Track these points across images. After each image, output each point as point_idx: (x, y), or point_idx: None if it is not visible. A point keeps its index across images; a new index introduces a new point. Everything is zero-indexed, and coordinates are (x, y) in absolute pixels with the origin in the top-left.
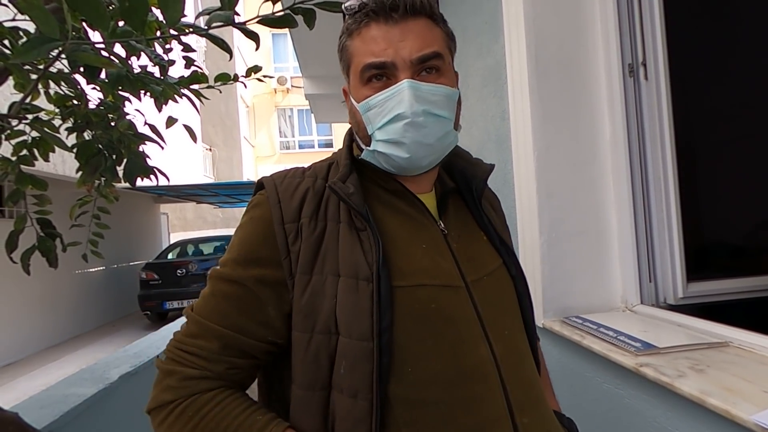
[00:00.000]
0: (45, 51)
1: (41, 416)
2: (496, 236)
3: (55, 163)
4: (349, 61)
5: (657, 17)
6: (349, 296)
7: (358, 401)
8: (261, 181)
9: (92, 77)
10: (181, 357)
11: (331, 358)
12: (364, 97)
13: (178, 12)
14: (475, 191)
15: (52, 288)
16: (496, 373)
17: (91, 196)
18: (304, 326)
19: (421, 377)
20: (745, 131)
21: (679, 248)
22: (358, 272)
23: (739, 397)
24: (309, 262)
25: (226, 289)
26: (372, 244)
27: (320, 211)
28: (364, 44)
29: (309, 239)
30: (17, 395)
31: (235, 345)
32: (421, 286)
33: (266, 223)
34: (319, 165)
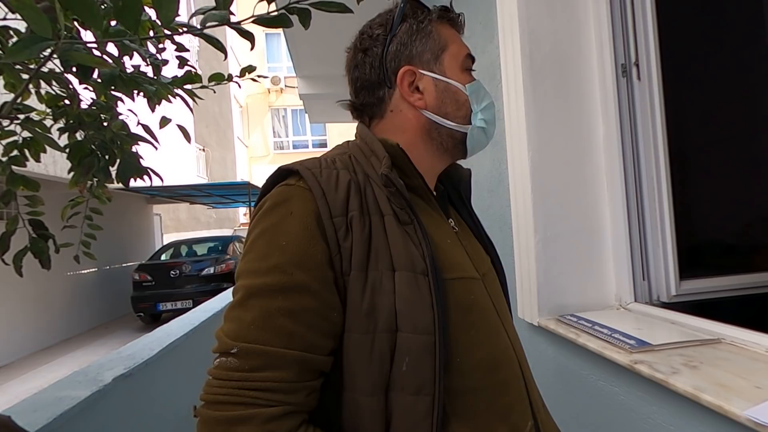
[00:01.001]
0: (37, 51)
1: (34, 419)
2: (485, 235)
3: (47, 163)
4: (444, 44)
5: (649, 18)
6: (410, 290)
7: (421, 397)
8: (291, 169)
9: (85, 77)
10: (251, 397)
11: (392, 356)
12: (467, 80)
13: (172, 11)
14: (463, 192)
15: (44, 290)
16: (515, 356)
17: (83, 197)
18: (366, 327)
19: (467, 366)
20: (737, 131)
21: (672, 247)
22: (415, 266)
23: (732, 393)
24: (364, 259)
25: (283, 302)
26: (420, 238)
27: (364, 205)
28: (457, 37)
29: (361, 234)
30: (9, 398)
31: (310, 367)
32: (460, 279)
33: (314, 217)
34: (339, 157)
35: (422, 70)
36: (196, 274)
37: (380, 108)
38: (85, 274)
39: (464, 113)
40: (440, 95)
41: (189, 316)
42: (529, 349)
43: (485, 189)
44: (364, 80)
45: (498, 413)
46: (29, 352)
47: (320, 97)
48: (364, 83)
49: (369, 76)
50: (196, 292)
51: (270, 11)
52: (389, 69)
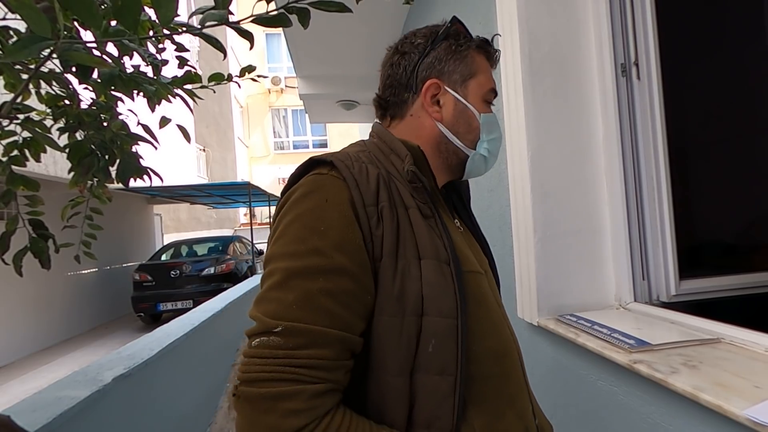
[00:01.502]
0: (36, 50)
1: (34, 419)
2: (482, 236)
3: (47, 163)
4: (474, 71)
5: (649, 17)
6: (436, 277)
7: (445, 377)
8: (322, 160)
9: (84, 77)
10: (296, 374)
11: (418, 339)
12: (484, 110)
13: (171, 11)
14: (464, 196)
15: (44, 290)
16: (515, 348)
17: (83, 196)
18: (396, 310)
19: (480, 354)
20: (737, 130)
21: (671, 246)
22: (439, 255)
23: (731, 393)
24: (393, 246)
25: (324, 283)
26: (441, 230)
27: (392, 198)
28: (488, 69)
29: (391, 224)
30: (9, 399)
31: (348, 346)
32: (474, 272)
33: (349, 204)
34: (363, 154)
35: (447, 87)
36: (196, 274)
37: (401, 109)
38: (86, 274)
39: (473, 137)
40: (456, 114)
41: (189, 316)
42: (528, 348)
43: (485, 189)
44: (394, 79)
45: (505, 400)
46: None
47: (320, 98)
48: (393, 82)
49: (400, 78)
50: (196, 293)
51: (269, 11)
52: (419, 77)
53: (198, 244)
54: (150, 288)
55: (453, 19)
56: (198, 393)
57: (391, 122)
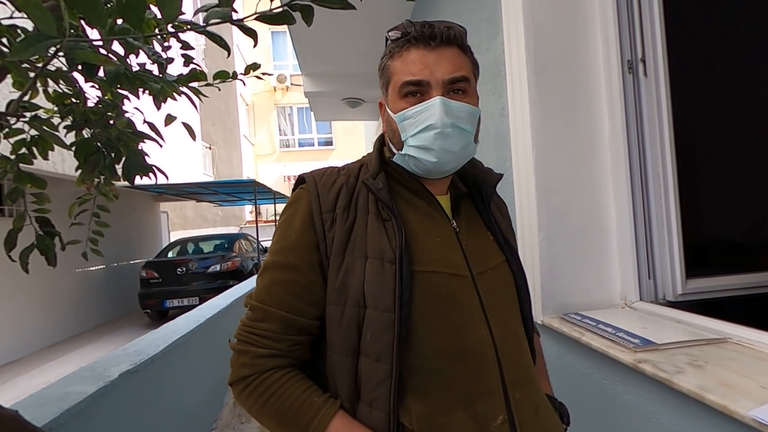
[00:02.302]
0: (42, 48)
1: (41, 414)
2: (501, 236)
3: (55, 161)
4: (389, 78)
5: (656, 13)
6: (376, 275)
7: (381, 364)
8: (302, 177)
9: (90, 75)
10: (251, 339)
11: (360, 327)
12: (401, 109)
13: (176, 9)
14: (485, 195)
15: (52, 287)
16: (493, 352)
17: (90, 194)
18: (338, 300)
19: (427, 349)
20: (744, 128)
21: (678, 245)
22: (384, 255)
23: (737, 393)
24: (342, 246)
25: (281, 275)
26: (396, 232)
27: (351, 204)
28: (404, 65)
29: (342, 227)
30: (17, 393)
31: (294, 325)
32: (435, 273)
33: (307, 213)
34: (351, 166)
35: (383, 101)
36: (202, 271)
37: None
38: (93, 271)
39: (398, 140)
40: (387, 124)
41: (195, 313)
42: None
43: None
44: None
45: (458, 398)
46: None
47: (325, 95)
48: None
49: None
50: (202, 289)
51: (273, 8)
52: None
53: (204, 241)
54: (157, 285)
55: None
56: (204, 389)
57: None
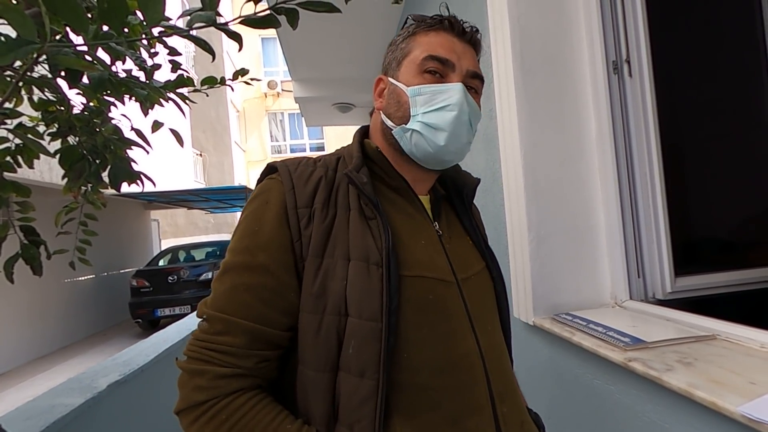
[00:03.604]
0: (23, 54)
1: (27, 427)
2: (481, 240)
3: (42, 170)
4: (406, 52)
5: (640, 14)
6: (360, 278)
7: (365, 380)
8: (273, 165)
9: (74, 81)
10: (208, 356)
11: (340, 338)
12: (417, 83)
13: (158, 12)
14: (465, 198)
15: (40, 297)
16: (481, 364)
17: (77, 202)
18: (315, 308)
19: (414, 363)
20: (730, 127)
21: (666, 243)
22: (369, 257)
23: (726, 389)
24: (320, 246)
25: (247, 278)
26: (381, 232)
27: (331, 199)
28: (431, 42)
29: (321, 224)
30: (5, 407)
31: (262, 338)
32: (422, 278)
33: (281, 207)
34: (327, 157)
35: (388, 77)
36: (194, 279)
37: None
38: (83, 280)
39: (402, 114)
40: (389, 97)
41: (185, 321)
42: (524, 348)
43: (479, 188)
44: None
45: (445, 417)
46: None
47: (316, 101)
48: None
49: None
50: (194, 298)
51: (258, 11)
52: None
53: (196, 249)
54: (147, 294)
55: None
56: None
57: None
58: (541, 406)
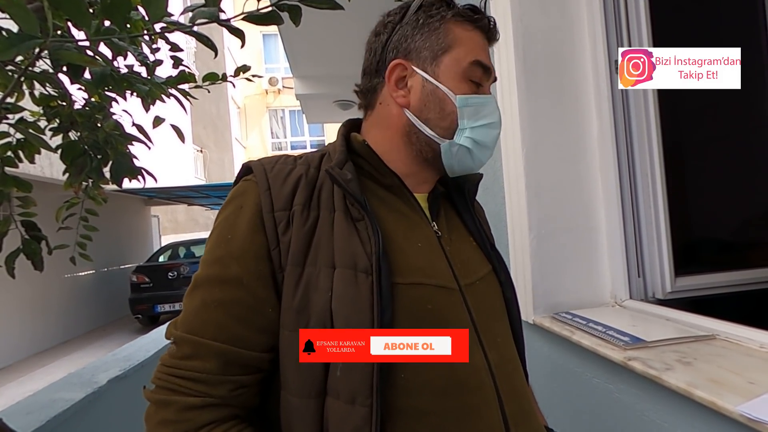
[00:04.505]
0: (25, 49)
1: (27, 422)
2: (487, 241)
3: (43, 165)
4: (446, 45)
5: (643, 13)
6: (347, 288)
7: (356, 407)
8: (248, 165)
9: (75, 76)
10: (175, 384)
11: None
12: (464, 91)
13: (161, 9)
14: (467, 195)
15: (41, 292)
16: (491, 383)
17: (78, 198)
18: (296, 324)
19: (413, 385)
20: (732, 127)
21: (666, 243)
22: (357, 263)
23: (725, 389)
24: (301, 253)
25: (219, 293)
26: (370, 234)
27: (313, 200)
28: (473, 40)
29: (301, 229)
30: (5, 401)
31: (237, 361)
32: (418, 285)
33: (255, 211)
34: (310, 155)
35: (415, 67)
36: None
37: (372, 98)
38: (83, 276)
39: (447, 125)
40: (425, 98)
41: None
42: None
43: (480, 187)
44: (366, 65)
45: None
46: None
47: (317, 98)
48: (366, 68)
49: (370, 62)
50: None
51: (260, 8)
52: (387, 59)
53: (196, 245)
54: (147, 290)
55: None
56: None
57: (366, 113)
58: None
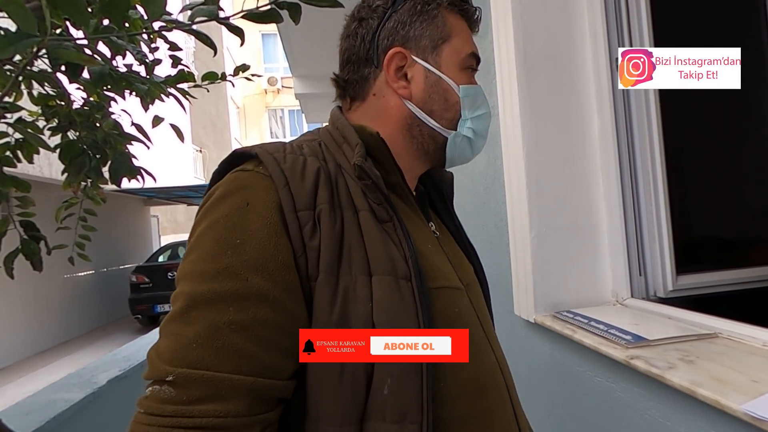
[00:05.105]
0: (23, 47)
1: (27, 422)
2: (467, 239)
3: (42, 165)
4: (445, 34)
5: (644, 10)
6: (391, 297)
7: (406, 425)
8: (246, 152)
9: (74, 75)
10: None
11: (369, 380)
12: (463, 81)
13: (160, 7)
14: (446, 195)
15: (40, 293)
16: (503, 379)
17: (77, 197)
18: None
19: (452, 392)
20: (733, 126)
21: (668, 242)
22: (397, 269)
23: (728, 387)
24: (334, 260)
25: (235, 313)
26: (401, 238)
27: (334, 198)
28: (465, 31)
29: (331, 231)
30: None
31: (266, 396)
32: (444, 288)
33: (274, 210)
34: (308, 143)
35: (415, 57)
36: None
37: (363, 89)
38: (82, 276)
39: (451, 116)
40: (429, 89)
41: None
42: (525, 346)
43: (481, 186)
44: (352, 53)
45: None
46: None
47: (317, 97)
48: (351, 56)
49: (358, 50)
50: None
51: (260, 6)
52: (380, 47)
53: None
54: (147, 290)
55: None
56: None
57: (351, 105)
58: (542, 404)
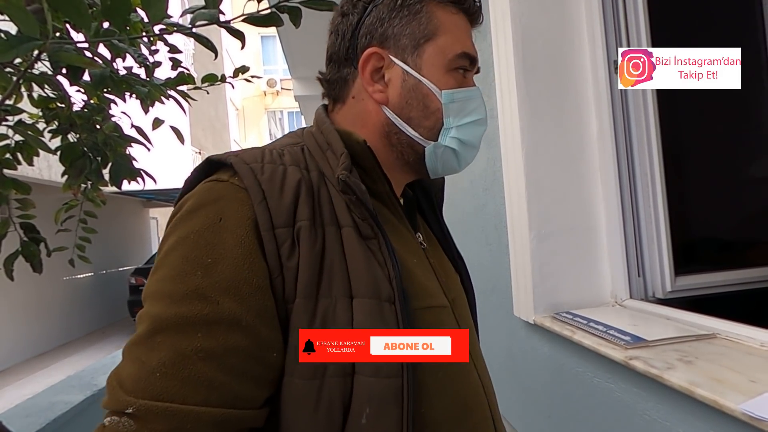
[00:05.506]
0: (25, 50)
1: (27, 425)
2: (454, 248)
3: (41, 167)
4: (428, 32)
5: (641, 13)
6: (373, 322)
7: None
8: (218, 160)
9: (75, 78)
10: None
11: (345, 408)
12: (449, 85)
13: (161, 10)
14: (435, 201)
15: (39, 295)
16: (485, 398)
17: (77, 200)
18: (312, 371)
19: (434, 417)
20: (731, 127)
21: (666, 243)
22: (380, 291)
23: (727, 387)
24: (313, 282)
25: (204, 340)
26: (386, 257)
27: (316, 213)
28: (458, 29)
29: (311, 251)
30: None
31: (236, 427)
32: (430, 309)
33: (249, 227)
34: (289, 149)
35: (393, 57)
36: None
37: (342, 90)
38: (82, 278)
39: (431, 124)
40: (406, 93)
41: None
42: (524, 347)
43: (480, 187)
44: (333, 51)
45: None
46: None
47: (316, 99)
48: (333, 55)
49: (338, 49)
50: None
51: (260, 10)
52: (359, 46)
53: None
54: None
55: None
56: None
57: (334, 106)
58: (541, 405)
